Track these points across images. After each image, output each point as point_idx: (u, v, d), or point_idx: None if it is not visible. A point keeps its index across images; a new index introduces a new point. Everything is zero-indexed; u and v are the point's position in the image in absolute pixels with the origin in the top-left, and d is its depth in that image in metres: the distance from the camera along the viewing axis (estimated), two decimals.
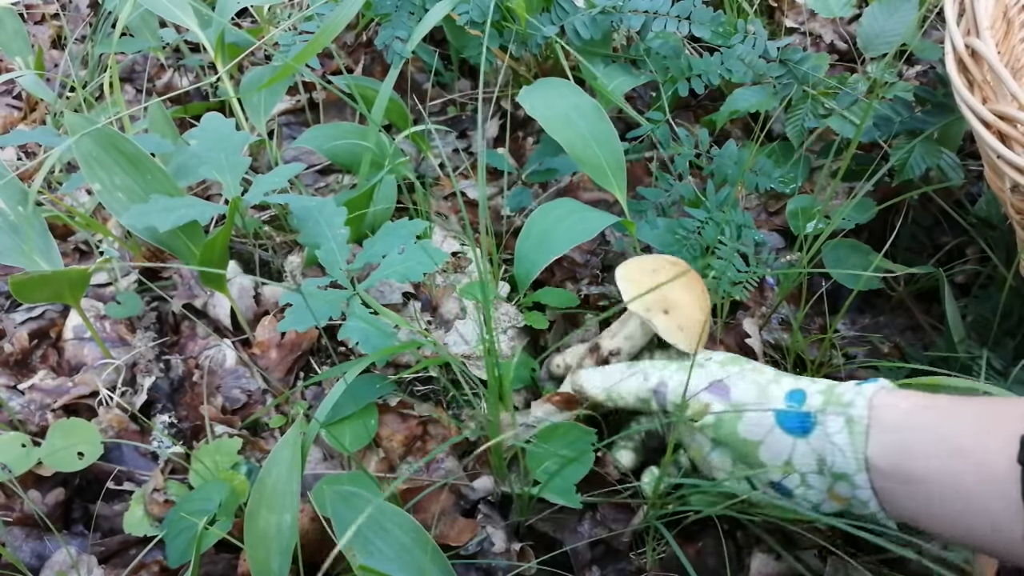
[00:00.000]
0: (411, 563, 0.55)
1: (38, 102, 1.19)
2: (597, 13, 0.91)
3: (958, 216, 0.85)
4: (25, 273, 0.67)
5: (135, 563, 0.63)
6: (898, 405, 0.50)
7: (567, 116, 0.82)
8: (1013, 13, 0.71)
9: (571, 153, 0.81)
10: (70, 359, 0.82)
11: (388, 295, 0.86)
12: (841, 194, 0.94)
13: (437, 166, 1.04)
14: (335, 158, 0.94)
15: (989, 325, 0.74)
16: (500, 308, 0.81)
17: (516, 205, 0.96)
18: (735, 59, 0.89)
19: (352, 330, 0.68)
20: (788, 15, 1.19)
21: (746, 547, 0.67)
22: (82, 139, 0.73)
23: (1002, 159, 0.56)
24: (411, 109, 1.05)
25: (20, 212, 0.74)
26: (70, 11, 1.42)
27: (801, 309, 0.77)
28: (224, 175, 0.77)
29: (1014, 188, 0.58)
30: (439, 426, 0.74)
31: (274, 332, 0.82)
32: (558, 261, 0.82)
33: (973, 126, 0.57)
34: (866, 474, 0.49)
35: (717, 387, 0.58)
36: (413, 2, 0.94)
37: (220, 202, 0.89)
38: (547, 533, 0.68)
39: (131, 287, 0.88)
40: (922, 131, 0.80)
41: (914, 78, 1.09)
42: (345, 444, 0.69)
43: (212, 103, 1.12)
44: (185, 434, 0.77)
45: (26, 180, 0.92)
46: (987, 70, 0.58)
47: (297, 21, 1.01)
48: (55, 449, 0.69)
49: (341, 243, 0.74)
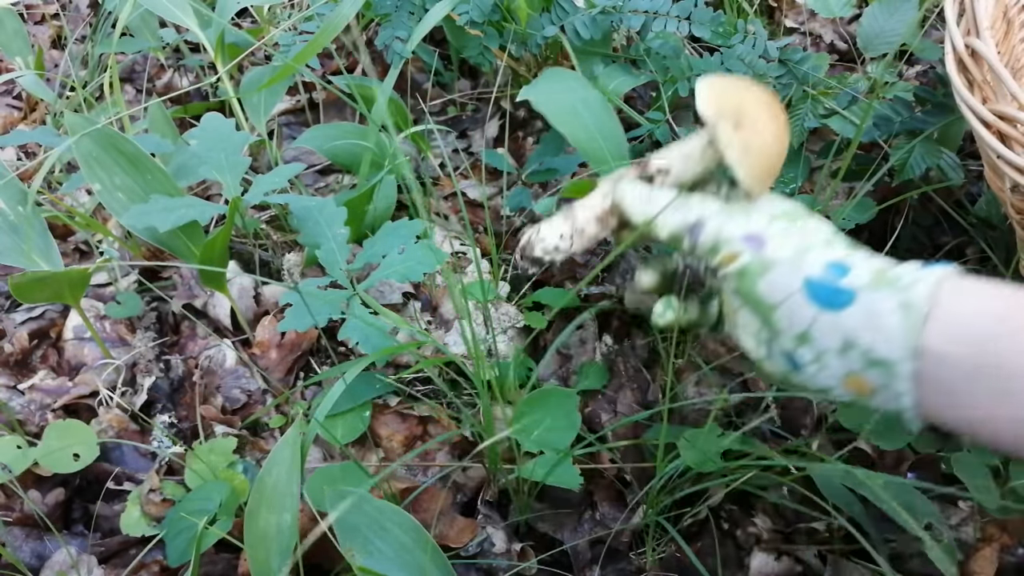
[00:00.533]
0: (411, 563, 0.55)
1: (38, 102, 1.19)
2: (597, 13, 0.91)
3: (958, 216, 0.85)
4: (25, 273, 0.67)
5: (135, 563, 0.63)
6: (967, 291, 0.45)
7: (574, 109, 0.81)
8: (1013, 13, 0.71)
9: (576, 144, 0.80)
10: (70, 359, 0.82)
11: (388, 295, 0.86)
12: (841, 194, 0.94)
13: (437, 166, 1.04)
14: (335, 158, 0.94)
15: None
16: (500, 308, 0.81)
17: (516, 205, 0.96)
18: (735, 59, 0.89)
19: (352, 330, 0.68)
20: (788, 15, 1.19)
21: (746, 547, 0.67)
22: (82, 139, 0.73)
23: (1002, 159, 0.56)
24: (411, 109, 1.05)
25: (20, 212, 0.74)
26: (70, 11, 1.42)
27: None
28: (224, 175, 0.77)
29: (1014, 188, 0.58)
30: (439, 426, 0.74)
31: (274, 332, 0.82)
32: None
33: (973, 126, 0.57)
34: (911, 364, 0.44)
35: (753, 238, 0.52)
36: (413, 2, 0.94)
37: (220, 202, 0.89)
38: (547, 533, 0.68)
39: (131, 287, 0.88)
40: (922, 131, 0.80)
41: (914, 78, 1.09)
42: (337, 436, 0.70)
43: (212, 103, 1.12)
44: (185, 434, 0.77)
45: (26, 180, 0.92)
46: (987, 70, 0.58)
47: (297, 21, 1.01)
48: (51, 450, 0.69)
49: (341, 243, 0.74)
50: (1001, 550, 0.64)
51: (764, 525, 0.68)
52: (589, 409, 0.76)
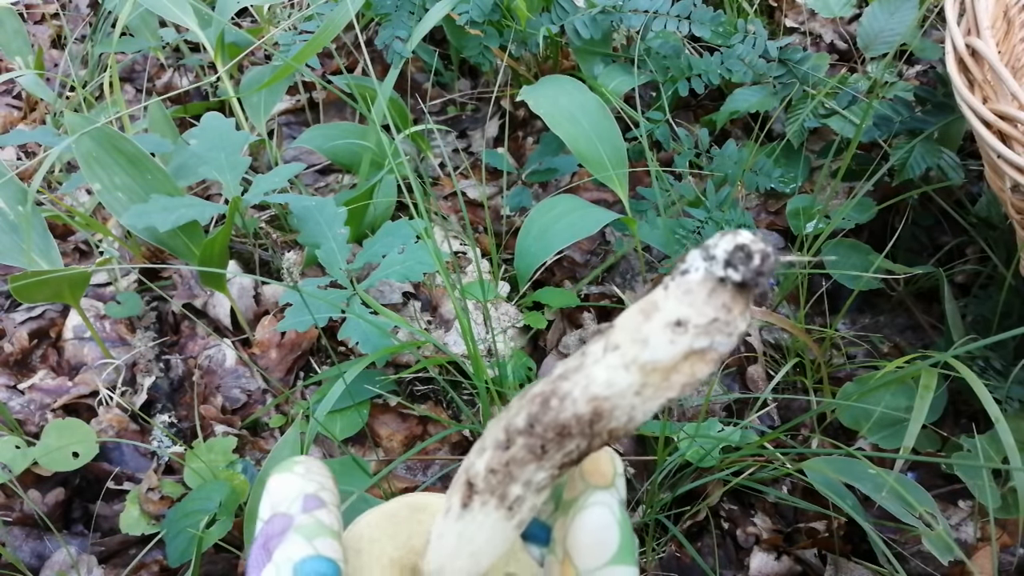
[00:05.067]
0: None
1: (38, 102, 1.19)
2: (597, 13, 0.91)
3: (958, 216, 0.85)
4: (25, 273, 0.67)
5: (135, 563, 0.63)
6: None
7: (571, 113, 0.82)
8: (1013, 13, 0.71)
9: (574, 150, 0.80)
10: (70, 359, 0.82)
11: (388, 295, 0.85)
12: (841, 194, 0.94)
13: (437, 166, 1.04)
14: (335, 158, 0.94)
15: (989, 325, 0.74)
16: (500, 308, 0.81)
17: (516, 205, 0.96)
18: (735, 59, 0.89)
19: (352, 330, 0.68)
20: (788, 15, 1.19)
21: (746, 547, 0.67)
22: (82, 139, 0.73)
23: (1002, 159, 0.56)
24: (411, 109, 1.05)
25: (20, 211, 0.74)
26: (70, 11, 1.42)
27: (801, 309, 0.77)
28: (224, 175, 0.77)
29: (1014, 188, 0.58)
30: (439, 426, 0.74)
31: (274, 332, 0.82)
32: (558, 260, 0.82)
33: (973, 126, 0.57)
34: None
35: None
36: (413, 2, 0.94)
37: (220, 202, 0.89)
38: None
39: (131, 287, 0.88)
40: (922, 131, 0.80)
41: (914, 78, 1.09)
42: (336, 433, 0.70)
43: (212, 103, 1.12)
44: (185, 434, 0.77)
45: (26, 180, 0.92)
46: (987, 70, 0.58)
47: (297, 20, 1.01)
48: (50, 449, 0.69)
49: (341, 243, 0.74)
50: (1001, 550, 0.64)
51: (764, 525, 0.68)
52: None
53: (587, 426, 0.24)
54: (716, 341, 0.23)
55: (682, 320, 0.23)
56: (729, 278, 0.23)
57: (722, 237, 0.23)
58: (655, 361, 0.23)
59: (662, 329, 0.23)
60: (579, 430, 0.24)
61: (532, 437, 0.25)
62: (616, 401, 0.24)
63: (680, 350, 0.23)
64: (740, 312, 0.23)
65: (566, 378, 0.25)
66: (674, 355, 0.23)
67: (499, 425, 0.26)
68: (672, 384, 0.24)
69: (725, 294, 0.23)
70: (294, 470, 0.26)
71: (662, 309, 0.23)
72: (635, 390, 0.24)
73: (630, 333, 0.24)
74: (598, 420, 0.24)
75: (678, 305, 0.23)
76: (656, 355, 0.23)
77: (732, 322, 0.23)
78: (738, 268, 0.23)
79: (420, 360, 0.75)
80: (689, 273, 0.23)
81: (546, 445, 0.25)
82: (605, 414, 0.24)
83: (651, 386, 0.24)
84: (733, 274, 0.23)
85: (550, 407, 0.25)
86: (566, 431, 0.24)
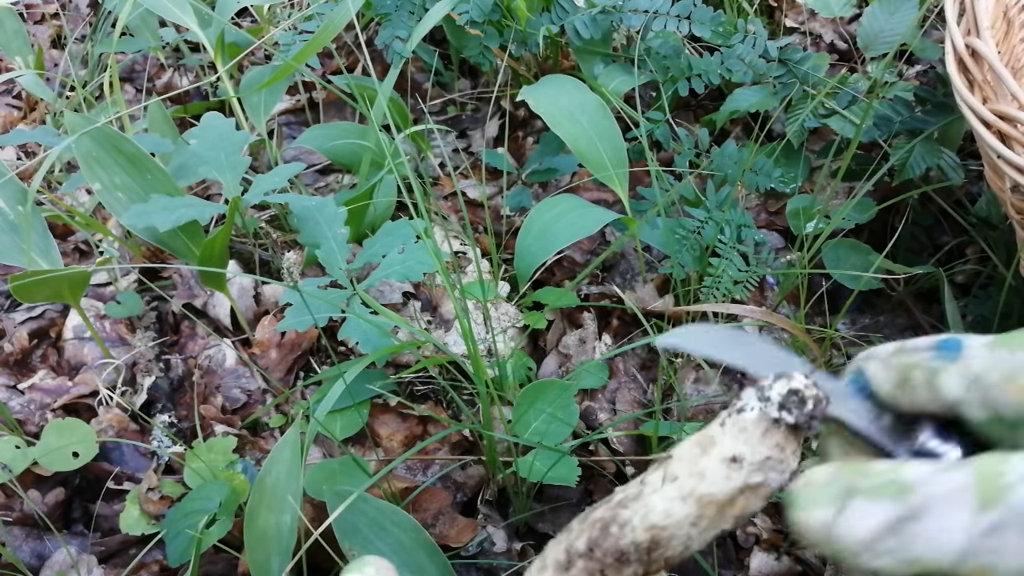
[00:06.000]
0: (411, 563, 0.55)
1: (38, 102, 1.19)
2: (597, 13, 0.91)
3: (958, 216, 0.85)
4: (25, 273, 0.67)
5: (135, 563, 0.63)
6: None
7: (571, 113, 0.82)
8: (1013, 13, 0.71)
9: (574, 149, 0.81)
10: (70, 359, 0.82)
11: (388, 295, 0.85)
12: (841, 194, 0.94)
13: (437, 166, 1.04)
14: (335, 158, 0.94)
15: (989, 325, 0.74)
16: (500, 308, 0.81)
17: (516, 205, 0.96)
18: (735, 59, 0.89)
19: (352, 330, 0.68)
20: (788, 15, 1.19)
21: (746, 547, 0.67)
22: (82, 139, 0.73)
23: (1002, 159, 0.56)
24: (411, 109, 1.05)
25: (20, 211, 0.74)
26: (70, 11, 1.42)
27: (801, 309, 0.77)
28: (224, 175, 0.77)
29: (1014, 188, 0.58)
30: (439, 426, 0.74)
31: (274, 332, 0.82)
32: (558, 260, 0.82)
33: (973, 126, 0.57)
34: None
35: None
36: (413, 2, 0.94)
37: (220, 202, 0.89)
38: (547, 533, 0.68)
39: (131, 287, 0.88)
40: (922, 131, 0.80)
41: (914, 78, 1.09)
42: (336, 432, 0.70)
43: (212, 103, 1.12)
44: (185, 434, 0.77)
45: (26, 179, 0.92)
46: (987, 70, 0.58)
47: (297, 20, 1.01)
48: (50, 449, 0.69)
49: (341, 243, 0.74)
50: None
51: (764, 524, 0.68)
52: (587, 406, 0.76)
53: (645, 553, 0.26)
54: (769, 478, 0.25)
55: (738, 457, 0.25)
56: (783, 420, 0.24)
57: (777, 380, 0.25)
58: (711, 494, 0.25)
59: (718, 464, 0.25)
60: (637, 557, 0.26)
61: (592, 561, 0.26)
62: (674, 531, 0.25)
63: (735, 485, 0.25)
64: (792, 452, 0.25)
65: (625, 506, 0.26)
66: (730, 490, 0.25)
67: (560, 546, 0.27)
68: (726, 517, 0.25)
69: (779, 434, 0.25)
70: (365, 571, 0.28)
71: (719, 444, 0.25)
72: (691, 521, 0.25)
73: (688, 465, 0.25)
74: (656, 548, 0.26)
75: (734, 442, 0.25)
76: (713, 488, 0.25)
77: (785, 460, 0.25)
78: (792, 411, 0.24)
79: (420, 360, 0.75)
80: (745, 412, 0.25)
81: (605, 570, 0.26)
82: (663, 543, 0.26)
83: (707, 518, 0.25)
84: (787, 417, 0.25)
85: (610, 533, 0.26)
86: (624, 557, 0.26)
